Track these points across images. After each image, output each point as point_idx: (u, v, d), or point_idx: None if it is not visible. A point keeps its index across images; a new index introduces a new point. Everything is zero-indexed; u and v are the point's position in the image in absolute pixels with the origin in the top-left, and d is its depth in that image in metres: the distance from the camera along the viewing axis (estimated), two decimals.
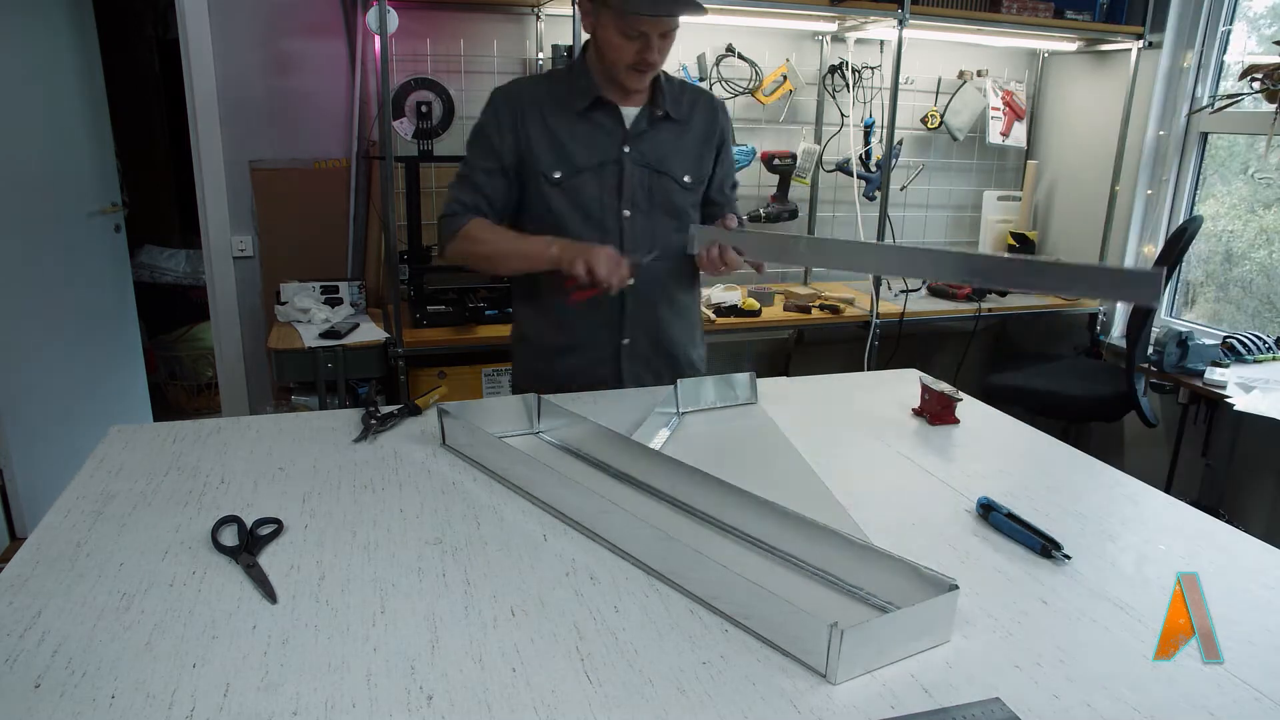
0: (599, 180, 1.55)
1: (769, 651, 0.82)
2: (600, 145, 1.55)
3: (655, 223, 1.58)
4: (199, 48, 2.60)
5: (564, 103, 1.55)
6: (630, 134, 1.56)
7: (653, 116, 1.57)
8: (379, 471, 1.19)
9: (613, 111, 1.55)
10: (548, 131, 1.54)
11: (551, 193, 1.55)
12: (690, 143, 1.62)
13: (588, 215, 1.55)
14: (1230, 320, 3.00)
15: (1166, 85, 3.05)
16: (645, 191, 1.58)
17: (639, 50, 1.45)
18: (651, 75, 1.51)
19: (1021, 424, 1.49)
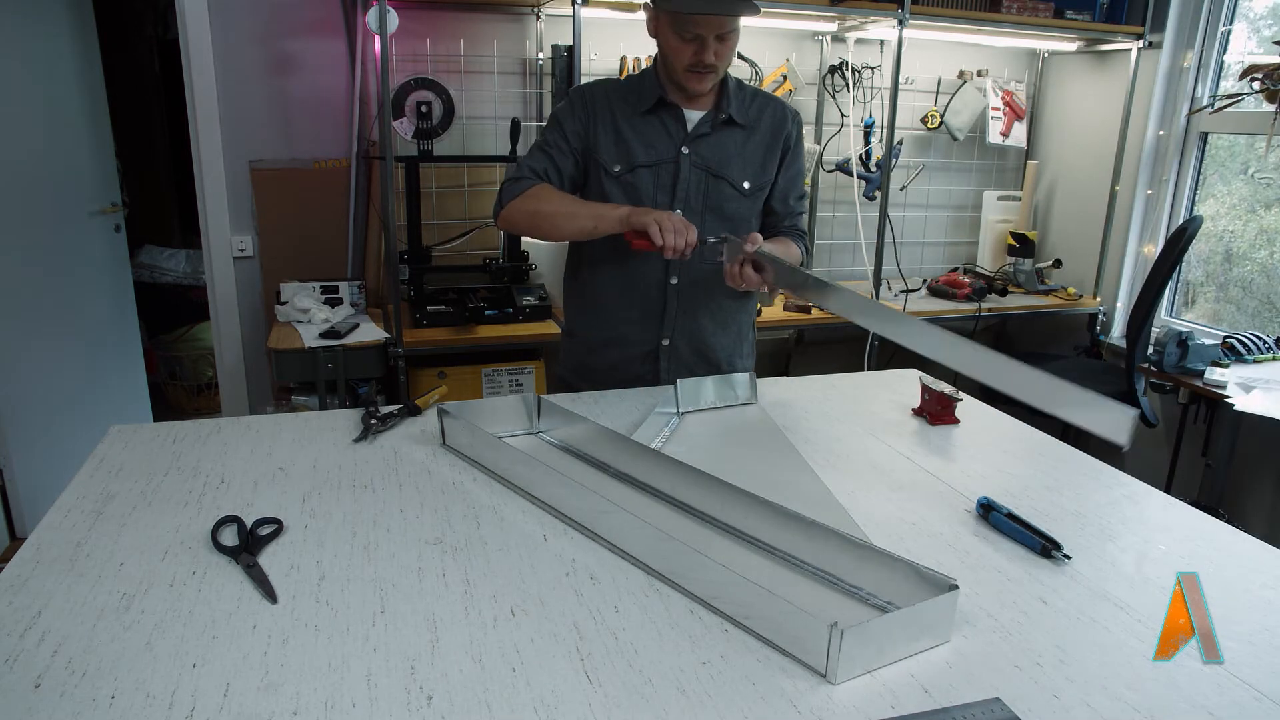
0: (655, 178, 1.58)
1: (769, 651, 0.82)
2: (660, 144, 1.58)
3: (707, 224, 1.58)
4: (199, 48, 2.60)
5: (632, 103, 1.59)
6: (690, 135, 1.58)
7: (716, 120, 1.59)
8: (379, 471, 1.19)
9: (675, 113, 1.59)
10: (614, 127, 1.59)
11: (610, 185, 1.59)
12: (754, 148, 1.62)
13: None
14: (1230, 320, 3.00)
15: (1166, 85, 3.05)
16: (700, 193, 1.59)
17: (696, 52, 1.47)
18: (712, 78, 1.52)
19: (1021, 424, 1.49)
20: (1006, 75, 3.42)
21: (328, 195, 2.82)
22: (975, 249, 3.61)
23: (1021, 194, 3.49)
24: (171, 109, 4.30)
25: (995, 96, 3.35)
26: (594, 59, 2.85)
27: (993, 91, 3.35)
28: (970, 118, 3.33)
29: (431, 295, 2.61)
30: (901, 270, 3.30)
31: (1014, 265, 3.40)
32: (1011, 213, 3.51)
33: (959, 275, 3.38)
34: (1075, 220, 3.43)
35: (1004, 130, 3.38)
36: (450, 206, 2.87)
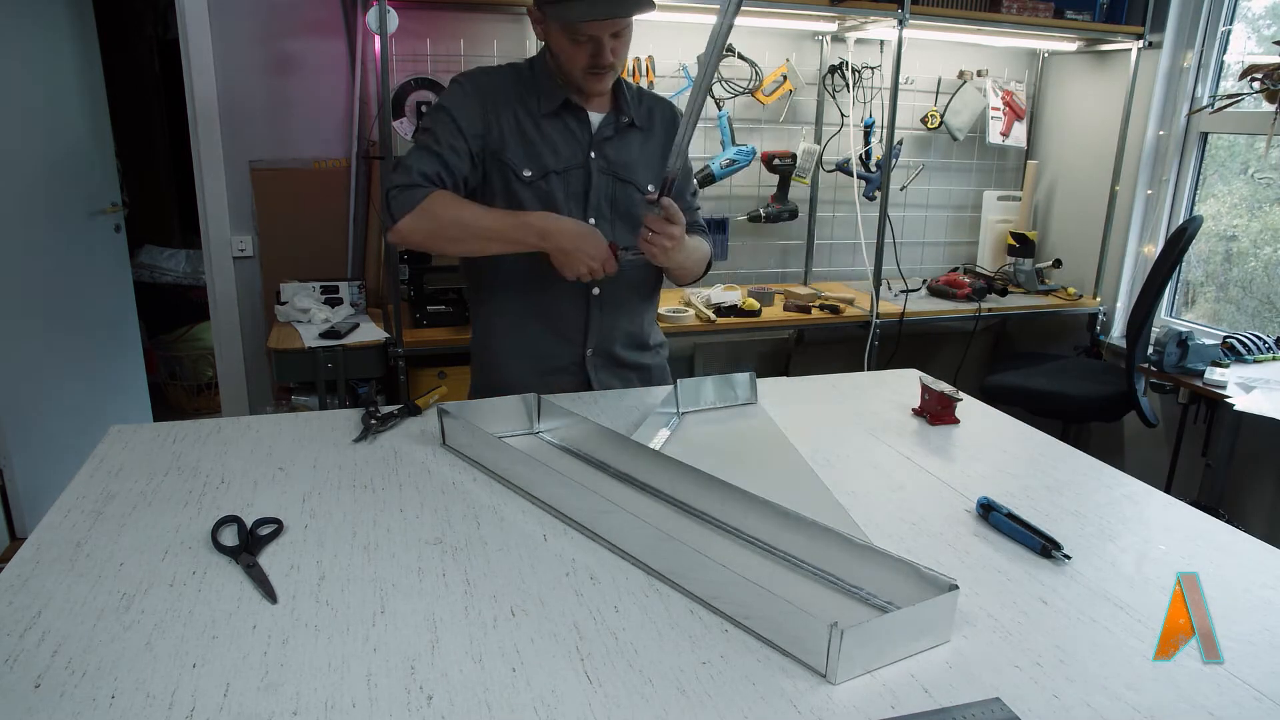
0: (565, 185, 1.52)
1: (769, 651, 0.82)
2: (568, 149, 1.52)
3: (618, 232, 1.54)
4: (199, 48, 2.60)
5: (531, 102, 1.51)
6: (596, 140, 1.53)
7: (618, 123, 1.55)
8: (379, 471, 1.19)
9: (580, 115, 1.52)
10: (519, 128, 1.50)
11: (521, 191, 1.50)
12: (653, 151, 1.59)
13: None
14: (1230, 320, 3.00)
15: (1166, 85, 3.05)
16: (609, 200, 1.55)
17: (593, 54, 1.42)
18: (611, 77, 1.48)
19: (1021, 424, 1.49)
20: (1006, 75, 3.43)
21: (328, 195, 2.82)
22: (975, 249, 3.61)
23: (1021, 194, 3.49)
24: (171, 109, 4.30)
25: (995, 96, 3.35)
26: None
27: (993, 91, 3.35)
28: (970, 118, 3.33)
29: (431, 295, 2.61)
30: (901, 270, 3.30)
31: (1014, 265, 3.40)
32: (1011, 213, 3.51)
33: (959, 275, 3.38)
34: (1075, 220, 3.43)
35: (1004, 130, 3.38)
36: None
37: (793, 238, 3.34)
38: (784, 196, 3.12)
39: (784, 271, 3.40)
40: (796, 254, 3.39)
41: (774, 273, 3.38)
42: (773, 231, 3.29)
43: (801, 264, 3.40)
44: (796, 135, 3.22)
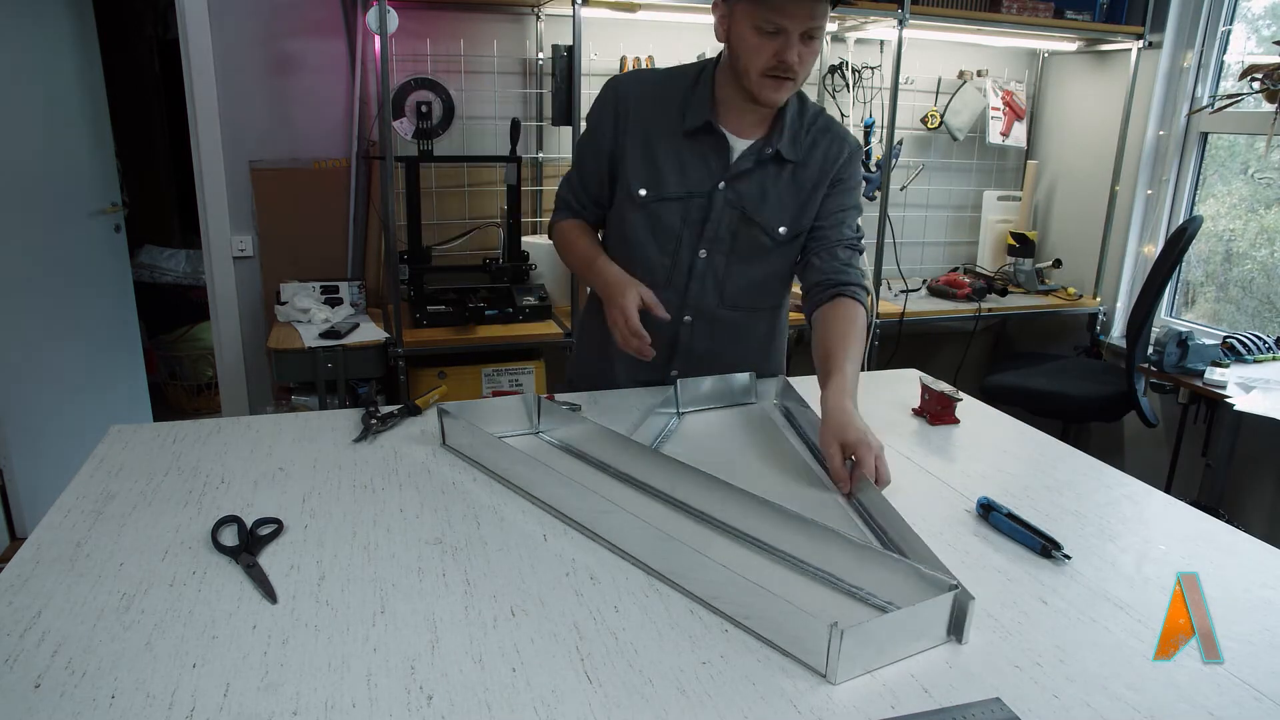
0: (683, 211, 1.44)
1: (769, 651, 0.82)
2: (698, 175, 1.42)
3: (732, 269, 1.47)
4: (199, 48, 2.60)
5: (674, 116, 1.42)
6: (732, 170, 1.42)
7: (762, 155, 1.42)
8: (379, 471, 1.19)
9: (720, 142, 1.41)
10: (645, 141, 1.42)
11: (630, 212, 1.45)
12: (797, 189, 1.45)
13: (662, 245, 1.47)
14: (1230, 320, 3.00)
15: (1166, 85, 3.05)
16: (729, 235, 1.45)
17: (777, 51, 1.28)
18: (790, 88, 1.34)
19: (1021, 424, 1.49)
20: (1006, 75, 3.43)
21: (328, 195, 2.82)
22: (975, 249, 3.61)
23: (1021, 194, 3.49)
24: (171, 109, 4.30)
25: (995, 96, 3.35)
26: (594, 59, 2.85)
27: (993, 91, 3.35)
28: (970, 118, 3.33)
29: (431, 295, 2.61)
30: (901, 270, 3.30)
31: (1014, 265, 3.40)
32: (1011, 213, 3.51)
33: (959, 275, 3.39)
34: (1075, 220, 3.43)
35: (1004, 130, 3.38)
36: (450, 206, 2.88)
37: None
38: None
39: None
40: None
41: None
42: None
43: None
44: None
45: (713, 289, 1.50)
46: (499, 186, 2.84)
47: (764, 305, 1.57)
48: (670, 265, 1.49)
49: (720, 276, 1.49)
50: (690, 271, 1.49)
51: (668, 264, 1.49)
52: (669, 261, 1.48)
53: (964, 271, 3.51)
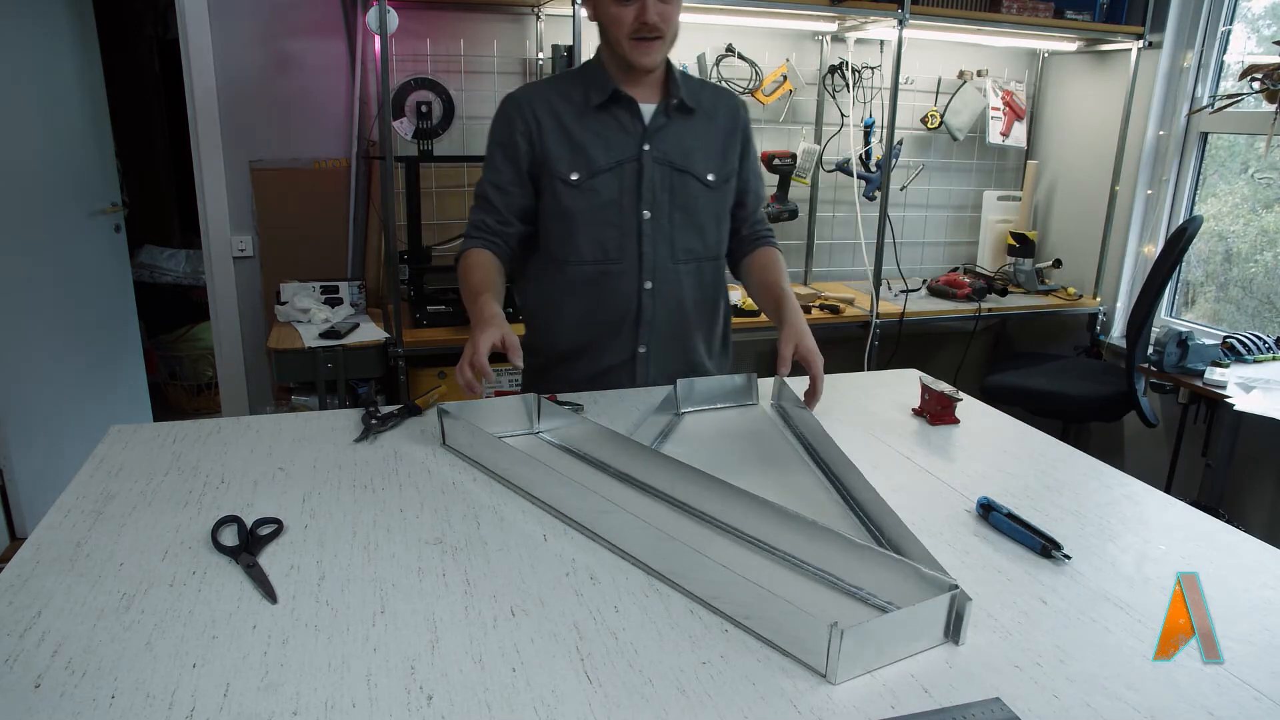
0: (619, 181, 1.50)
1: (769, 651, 0.82)
2: (618, 143, 1.50)
3: (675, 225, 1.54)
4: (199, 48, 2.60)
5: (579, 100, 1.50)
6: (650, 130, 1.50)
7: (669, 108, 1.51)
8: (379, 471, 1.19)
9: (630, 106, 1.50)
10: (563, 132, 1.49)
11: (568, 194, 1.50)
12: (714, 137, 1.56)
13: (605, 219, 1.51)
14: (1230, 320, 3.00)
15: (1166, 85, 3.05)
16: (667, 192, 1.52)
17: (636, 14, 1.39)
18: (660, 47, 1.44)
19: (1021, 424, 1.49)
20: (1006, 75, 3.43)
21: (328, 195, 2.82)
22: (975, 249, 3.61)
23: (1021, 194, 3.49)
24: (171, 109, 4.30)
25: (995, 96, 3.35)
26: None
27: (993, 91, 3.35)
28: (970, 118, 3.33)
29: (431, 295, 2.61)
30: (901, 270, 3.30)
31: (1014, 265, 3.40)
32: (1011, 213, 3.51)
33: (959, 275, 3.39)
34: (1075, 220, 3.43)
35: (1004, 130, 3.38)
36: (450, 206, 2.87)
37: (793, 238, 3.34)
38: (784, 196, 3.12)
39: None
40: (796, 254, 3.39)
41: None
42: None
43: (801, 264, 3.40)
44: (796, 135, 3.22)
45: (665, 246, 1.54)
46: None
47: (709, 254, 1.61)
48: (619, 235, 1.52)
49: (669, 233, 1.54)
50: (640, 236, 1.52)
51: (616, 235, 1.52)
52: (617, 232, 1.52)
53: (964, 271, 3.51)
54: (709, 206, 1.57)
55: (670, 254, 1.55)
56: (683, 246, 1.56)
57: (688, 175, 1.53)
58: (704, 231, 1.58)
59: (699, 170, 1.54)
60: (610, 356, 1.60)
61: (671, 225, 1.53)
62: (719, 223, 1.61)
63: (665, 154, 1.51)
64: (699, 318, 1.63)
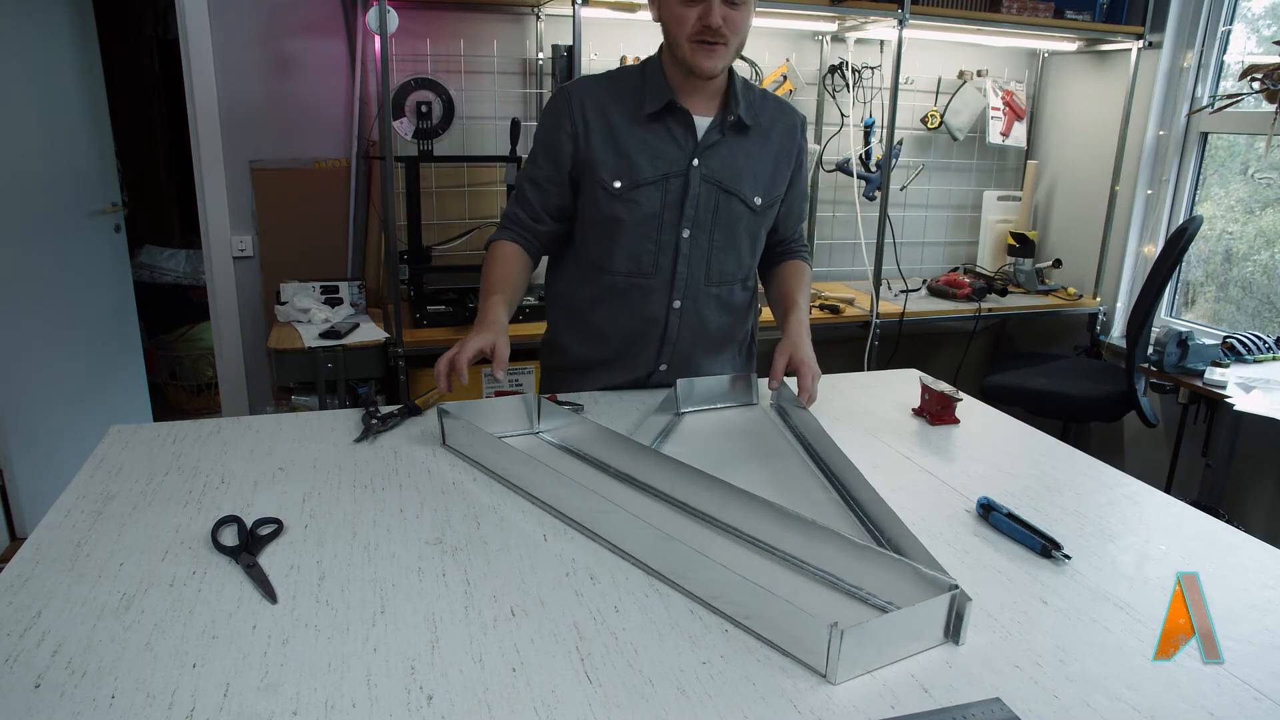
0: (662, 194, 1.45)
1: (769, 651, 0.82)
2: (667, 155, 1.44)
3: (715, 245, 1.49)
4: (199, 48, 2.60)
5: (633, 105, 1.44)
6: (701, 146, 1.44)
7: (725, 123, 1.45)
8: (379, 471, 1.19)
9: (684, 118, 1.44)
10: (612, 137, 1.43)
11: (609, 204, 1.45)
12: (765, 158, 1.50)
13: (644, 232, 1.47)
14: (1230, 320, 3.00)
15: (1166, 85, 3.05)
16: (710, 211, 1.47)
17: (700, 15, 1.32)
18: (723, 54, 1.37)
19: (1021, 424, 1.49)
20: (1006, 75, 3.43)
21: (328, 195, 2.82)
22: (975, 249, 3.61)
23: (1021, 194, 3.49)
24: (171, 109, 4.30)
25: (995, 96, 3.35)
26: (594, 59, 2.85)
27: (993, 91, 3.35)
28: (970, 118, 3.33)
29: (431, 295, 2.61)
30: (901, 270, 3.30)
31: (1014, 265, 3.40)
32: (1011, 213, 3.51)
33: (959, 275, 3.39)
34: (1075, 220, 3.43)
35: (1004, 130, 3.38)
36: (450, 206, 2.87)
37: None
38: None
39: None
40: None
41: None
42: None
43: None
44: None
45: (700, 268, 1.51)
46: (499, 186, 2.84)
47: (741, 278, 1.58)
48: (655, 250, 1.48)
49: (705, 254, 1.50)
50: (676, 253, 1.49)
51: (653, 250, 1.48)
52: (654, 247, 1.48)
53: (964, 271, 3.51)
54: (750, 230, 1.53)
55: (705, 275, 1.51)
56: (717, 269, 1.52)
57: (734, 197, 1.48)
58: (741, 254, 1.54)
59: (746, 193, 1.49)
60: (630, 371, 1.57)
61: (710, 246, 1.49)
62: (756, 245, 1.57)
63: (714, 172, 1.46)
64: (723, 339, 1.61)
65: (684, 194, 1.45)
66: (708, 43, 1.35)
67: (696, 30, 1.34)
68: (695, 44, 1.35)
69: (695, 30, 1.34)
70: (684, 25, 1.35)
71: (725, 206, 1.48)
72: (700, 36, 1.34)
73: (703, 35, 1.34)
